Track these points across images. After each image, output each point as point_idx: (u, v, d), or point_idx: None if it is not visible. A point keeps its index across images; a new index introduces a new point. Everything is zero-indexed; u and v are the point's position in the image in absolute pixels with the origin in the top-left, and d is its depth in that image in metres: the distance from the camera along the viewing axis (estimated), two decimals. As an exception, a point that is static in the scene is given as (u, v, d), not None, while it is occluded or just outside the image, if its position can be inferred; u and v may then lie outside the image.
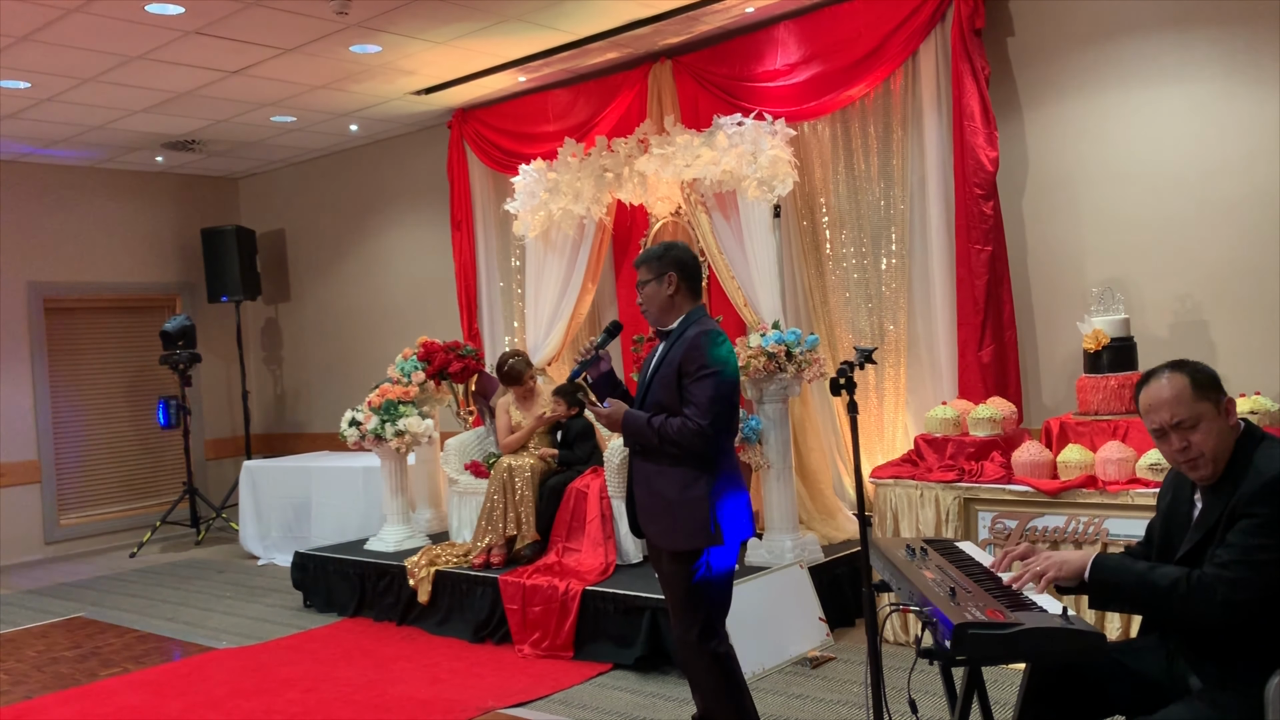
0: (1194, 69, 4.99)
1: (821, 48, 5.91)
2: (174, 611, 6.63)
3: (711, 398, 3.26)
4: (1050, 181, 5.46)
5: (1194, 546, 2.47)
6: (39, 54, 6.05)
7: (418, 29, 6.02)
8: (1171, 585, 2.34)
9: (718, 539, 3.30)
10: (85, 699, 4.94)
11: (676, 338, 3.40)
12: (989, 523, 4.66)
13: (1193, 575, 2.34)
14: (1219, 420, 2.46)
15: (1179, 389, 2.47)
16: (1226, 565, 2.32)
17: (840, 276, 6.12)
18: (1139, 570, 2.41)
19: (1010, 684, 4.07)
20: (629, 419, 3.38)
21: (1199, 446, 2.45)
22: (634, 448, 3.46)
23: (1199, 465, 2.47)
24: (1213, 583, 2.31)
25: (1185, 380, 2.47)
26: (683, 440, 3.26)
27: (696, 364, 3.28)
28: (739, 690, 3.41)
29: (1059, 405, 5.42)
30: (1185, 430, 2.46)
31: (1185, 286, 5.06)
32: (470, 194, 7.84)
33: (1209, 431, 2.44)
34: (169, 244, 9.74)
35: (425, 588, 5.74)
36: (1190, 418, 2.45)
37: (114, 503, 9.38)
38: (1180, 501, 2.61)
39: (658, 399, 3.37)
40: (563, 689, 4.65)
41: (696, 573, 3.33)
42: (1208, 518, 2.47)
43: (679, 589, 3.38)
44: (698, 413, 3.25)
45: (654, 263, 3.46)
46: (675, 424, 3.28)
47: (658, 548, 3.47)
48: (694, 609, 3.36)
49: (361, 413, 6.45)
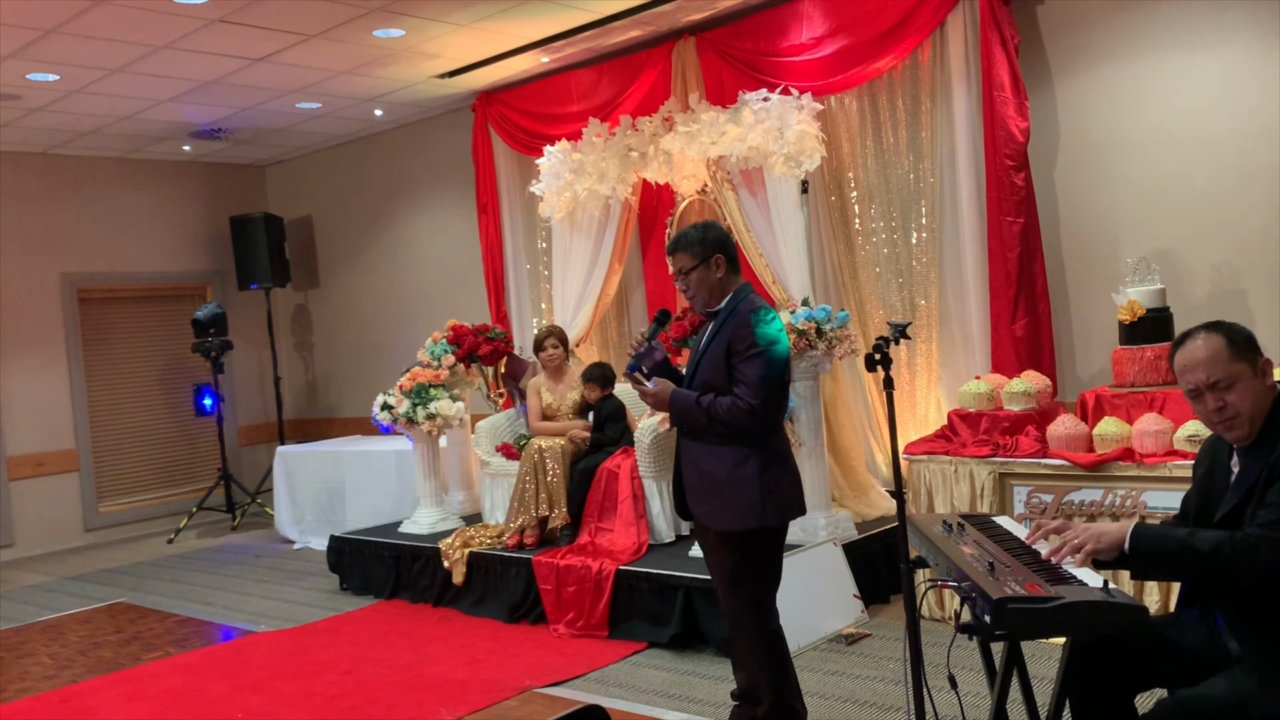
0: (1227, 33, 4.89)
1: (847, 20, 5.84)
2: (212, 596, 6.72)
3: (762, 376, 3.21)
4: (1082, 151, 5.38)
5: (1233, 508, 2.44)
6: (67, 46, 6.10)
7: (440, 12, 6.01)
8: (1215, 548, 2.30)
9: (768, 518, 3.27)
10: (130, 682, 5.02)
11: (726, 316, 3.34)
12: (1024, 497, 4.62)
13: (1235, 536, 2.30)
14: (1256, 380, 2.43)
15: (1215, 349, 2.44)
16: (1269, 525, 2.29)
17: (870, 252, 6.07)
18: (1179, 536, 2.38)
19: (1049, 659, 4.05)
20: (677, 398, 3.33)
21: (1235, 406, 2.42)
22: (682, 428, 3.42)
23: (1235, 425, 2.45)
24: (1256, 543, 2.28)
25: (1222, 340, 2.45)
26: (733, 420, 3.21)
27: (745, 342, 3.23)
28: (785, 668, 3.40)
29: (1094, 378, 5.36)
30: (1221, 390, 2.43)
31: (1222, 255, 4.99)
32: (495, 177, 7.83)
33: (1245, 391, 2.42)
34: (198, 233, 9.82)
35: (460, 569, 5.78)
36: (1226, 377, 2.42)
37: (151, 490, 9.50)
38: (1218, 467, 2.58)
39: (706, 378, 3.32)
40: (598, 668, 4.68)
41: (745, 552, 3.30)
42: (1246, 478, 2.44)
43: (728, 567, 3.35)
44: (748, 392, 3.21)
45: (696, 247, 3.37)
46: (725, 403, 3.23)
47: (705, 527, 3.42)
48: (742, 587, 3.33)
49: (393, 397, 6.49)
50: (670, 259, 3.47)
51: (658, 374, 3.46)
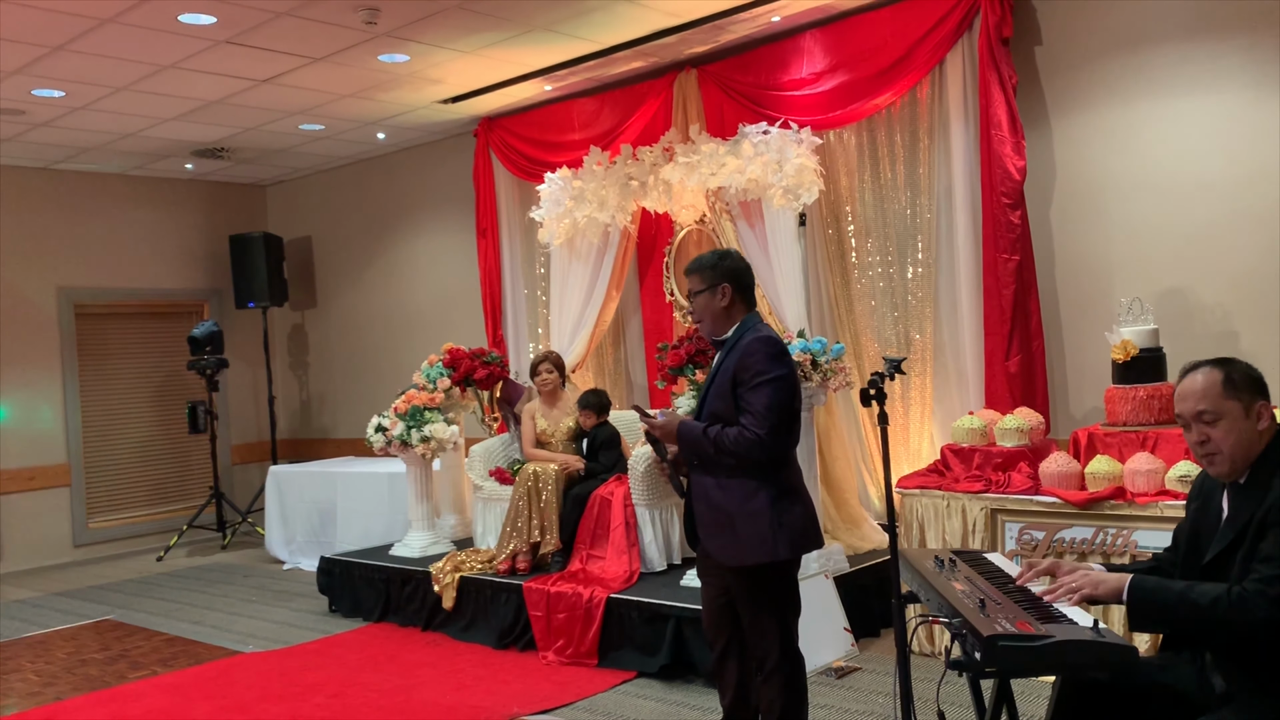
0: (1224, 78, 4.95)
1: (848, 56, 5.91)
2: (201, 615, 6.68)
3: (769, 405, 3.17)
4: (1078, 191, 5.43)
5: (1223, 551, 2.45)
6: (74, 63, 6.14)
7: (445, 38, 6.06)
8: (1213, 603, 2.30)
9: (779, 552, 3.23)
10: (114, 701, 4.98)
11: (731, 346, 3.33)
12: (1016, 534, 4.63)
13: (1233, 591, 2.31)
14: (1244, 421, 2.46)
15: (1210, 383, 2.48)
16: (1267, 580, 2.29)
17: (866, 285, 6.11)
18: (1178, 590, 2.37)
19: (1038, 697, 4.04)
20: (685, 430, 3.30)
21: (1217, 443, 2.46)
22: (691, 461, 3.38)
23: (1215, 461, 2.49)
24: (1255, 598, 2.28)
25: (1220, 375, 2.49)
26: (740, 450, 3.18)
27: (751, 371, 3.21)
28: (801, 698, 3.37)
29: (1087, 416, 5.38)
30: (1206, 424, 2.47)
31: (1215, 296, 5.03)
32: (496, 202, 7.88)
33: (1230, 430, 2.45)
34: (197, 250, 9.84)
35: (450, 594, 5.76)
36: (1213, 412, 2.46)
37: (142, 506, 9.47)
38: (1210, 506, 2.59)
39: (714, 409, 3.29)
40: (587, 696, 4.66)
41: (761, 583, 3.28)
42: (1236, 520, 2.45)
43: (747, 602, 3.31)
44: (754, 421, 3.17)
45: (707, 272, 3.37)
46: (732, 433, 3.19)
47: (718, 562, 3.36)
48: (766, 619, 3.30)
49: (387, 418, 6.49)
50: (687, 279, 3.47)
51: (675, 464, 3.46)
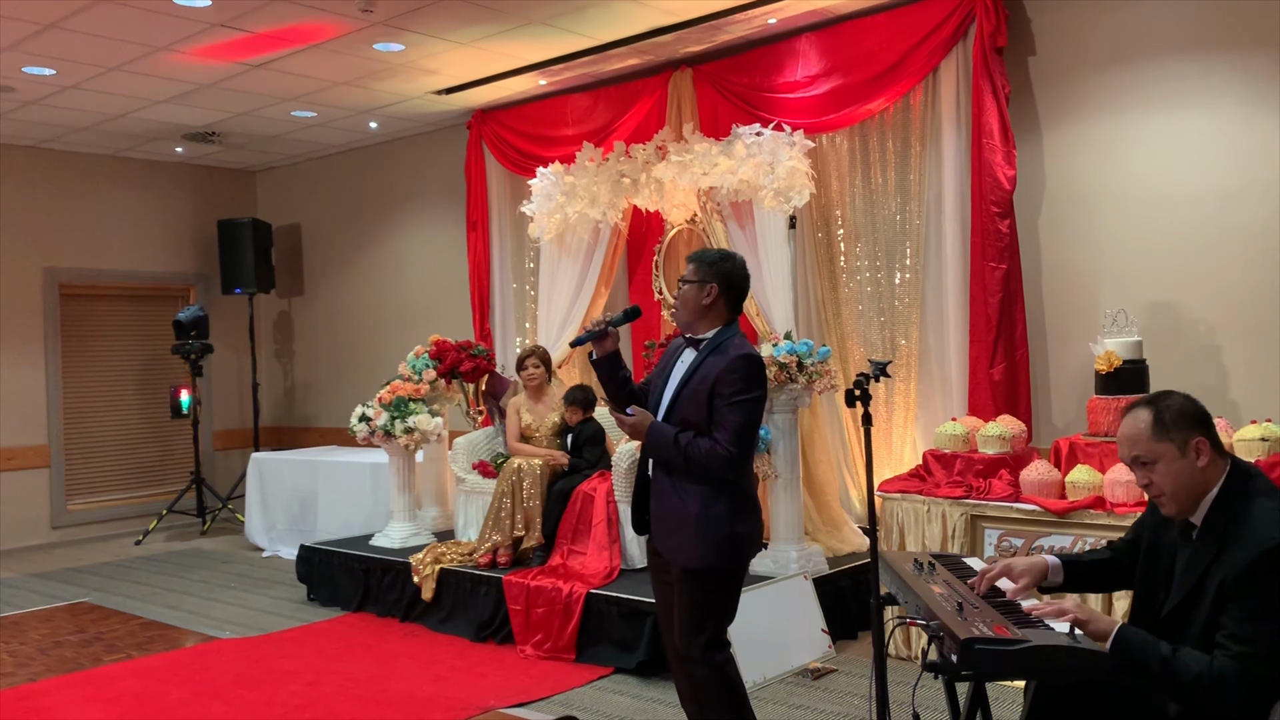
0: (1215, 93, 4.99)
1: (842, 61, 5.93)
2: (178, 600, 6.65)
3: (743, 424, 3.20)
4: (1067, 202, 5.46)
5: (1179, 604, 2.44)
6: (66, 42, 6.10)
7: (441, 29, 6.05)
8: (1193, 680, 2.27)
9: (734, 557, 3.27)
10: (89, 683, 4.96)
11: (710, 351, 3.31)
12: (995, 540, 4.66)
13: (1214, 668, 2.26)
14: (1181, 461, 2.43)
15: (1140, 428, 2.47)
16: (1242, 660, 2.25)
17: (854, 289, 6.13)
18: (1162, 655, 2.32)
19: (1013, 701, 4.07)
20: (654, 432, 3.29)
21: (1159, 485, 2.46)
22: (655, 460, 3.38)
23: (1162, 503, 2.50)
24: (1234, 683, 2.24)
25: (1149, 418, 2.46)
26: (710, 464, 3.20)
27: (733, 388, 3.20)
28: (740, 700, 3.39)
29: (1069, 425, 5.42)
30: (1144, 467, 2.48)
31: (1199, 310, 5.07)
32: (487, 195, 7.87)
33: (1167, 472, 2.44)
34: (185, 234, 9.79)
35: (429, 585, 5.75)
36: (1147, 454, 2.46)
37: (121, 490, 9.42)
38: (1163, 543, 2.57)
39: (686, 414, 3.28)
40: (563, 691, 4.66)
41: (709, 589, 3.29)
42: (1190, 575, 2.43)
43: (689, 605, 3.32)
44: (728, 439, 3.18)
45: (704, 267, 3.35)
46: (704, 446, 3.20)
47: (669, 561, 3.37)
48: (703, 625, 3.31)
49: (372, 408, 6.48)
50: (687, 262, 3.44)
51: (607, 363, 3.42)
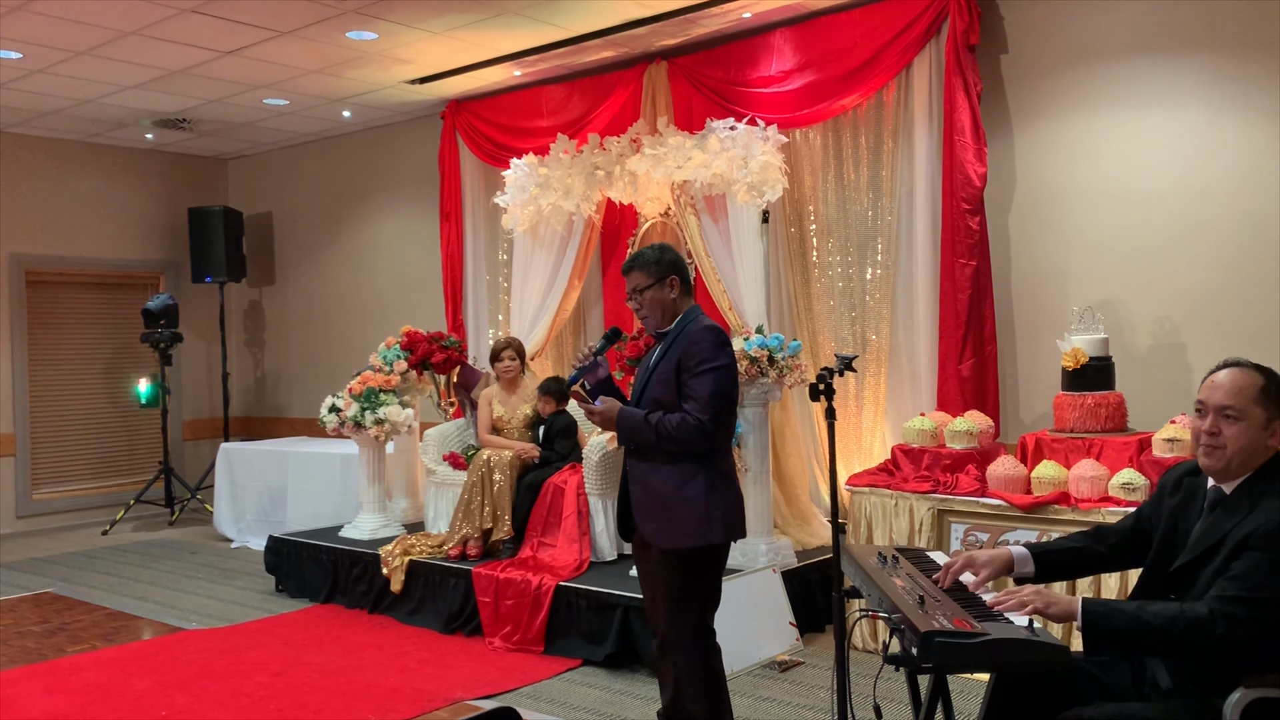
0: (1184, 95, 5.05)
1: (817, 56, 5.94)
2: (144, 590, 6.60)
3: (713, 392, 3.22)
4: (1037, 199, 5.51)
5: (1190, 562, 2.44)
6: (33, 24, 6.01)
7: (415, 18, 6.01)
8: (1168, 623, 2.28)
9: (714, 535, 3.28)
10: (51, 674, 4.91)
11: (676, 336, 3.37)
12: (962, 535, 4.70)
13: (1188, 611, 2.27)
14: (1260, 432, 2.43)
15: (1248, 384, 2.44)
16: (1228, 600, 2.26)
17: (825, 284, 6.15)
18: (1130, 611, 2.35)
19: (976, 694, 4.11)
20: (624, 417, 3.32)
21: (1225, 439, 2.43)
22: (629, 446, 3.41)
23: (1214, 455, 2.45)
24: (1211, 618, 2.25)
25: (1259, 381, 2.44)
26: (682, 436, 3.21)
27: (697, 359, 3.24)
28: (721, 689, 3.40)
29: (1036, 421, 5.46)
30: (1226, 419, 2.43)
31: (1164, 308, 5.12)
32: (460, 185, 7.83)
33: (1243, 434, 2.42)
34: (155, 222, 9.69)
35: (398, 577, 5.73)
36: (1238, 411, 2.42)
37: (88, 479, 9.32)
38: (1190, 512, 2.55)
39: (655, 395, 3.32)
40: (531, 683, 4.66)
41: (690, 570, 3.31)
42: (1213, 532, 2.43)
43: (671, 587, 3.33)
44: (698, 408, 3.21)
45: (653, 267, 3.40)
46: (674, 420, 3.23)
47: (651, 545, 3.38)
48: (685, 607, 3.33)
49: (342, 399, 6.44)
50: (626, 277, 3.48)
51: (600, 391, 3.45)
